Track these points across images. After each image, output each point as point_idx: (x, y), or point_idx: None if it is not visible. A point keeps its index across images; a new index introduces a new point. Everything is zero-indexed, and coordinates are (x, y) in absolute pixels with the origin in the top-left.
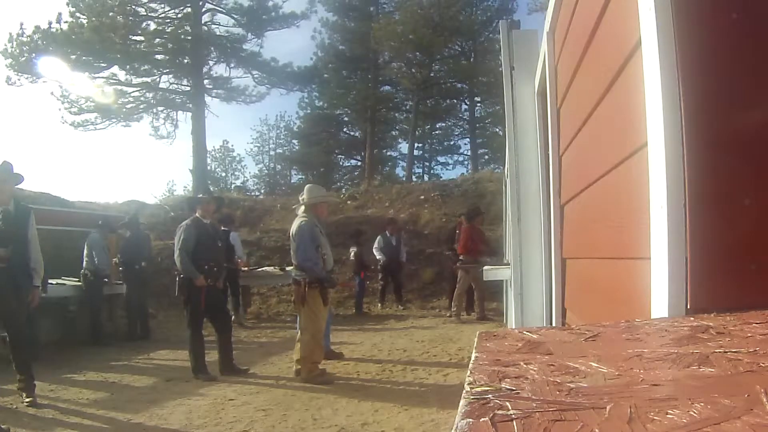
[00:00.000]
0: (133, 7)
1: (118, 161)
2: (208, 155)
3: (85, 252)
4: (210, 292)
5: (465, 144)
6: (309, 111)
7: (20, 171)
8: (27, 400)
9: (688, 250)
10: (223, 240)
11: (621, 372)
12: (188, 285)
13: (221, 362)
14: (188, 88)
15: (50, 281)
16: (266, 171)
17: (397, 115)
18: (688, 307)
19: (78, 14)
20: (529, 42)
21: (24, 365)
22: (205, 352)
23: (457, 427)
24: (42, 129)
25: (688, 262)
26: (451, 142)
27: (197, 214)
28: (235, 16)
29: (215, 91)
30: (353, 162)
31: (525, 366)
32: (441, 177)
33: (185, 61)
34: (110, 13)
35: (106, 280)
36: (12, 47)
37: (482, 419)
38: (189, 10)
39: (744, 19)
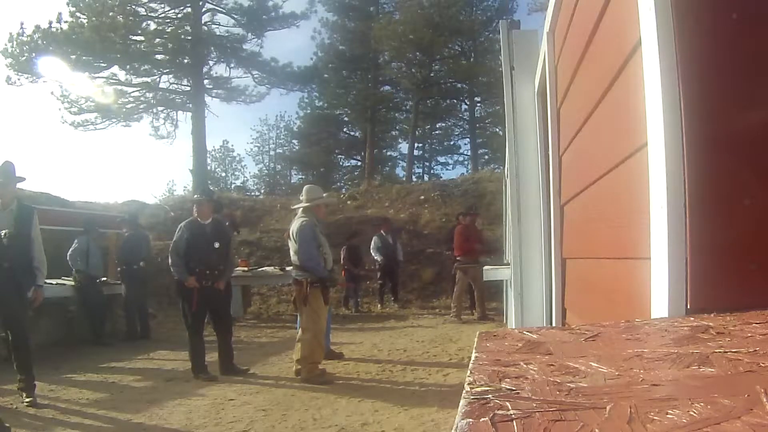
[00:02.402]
0: (133, 7)
1: (118, 161)
2: (208, 155)
3: (70, 262)
4: (207, 293)
5: (465, 144)
6: (309, 111)
7: (20, 171)
8: (27, 400)
9: (688, 250)
10: (225, 241)
11: (621, 372)
12: (181, 286)
13: (221, 362)
14: (188, 88)
15: (50, 281)
16: (266, 171)
17: (397, 115)
18: (688, 307)
19: (78, 14)
20: (529, 42)
21: (25, 365)
22: (205, 352)
23: (457, 427)
24: (42, 129)
25: (688, 262)
26: (451, 142)
27: (196, 215)
28: (235, 16)
29: (215, 91)
30: (353, 162)
31: (525, 366)
32: (441, 177)
33: (185, 61)
34: (110, 13)
35: (104, 279)
36: (12, 47)
37: (482, 419)
38: (189, 10)
39: (744, 19)
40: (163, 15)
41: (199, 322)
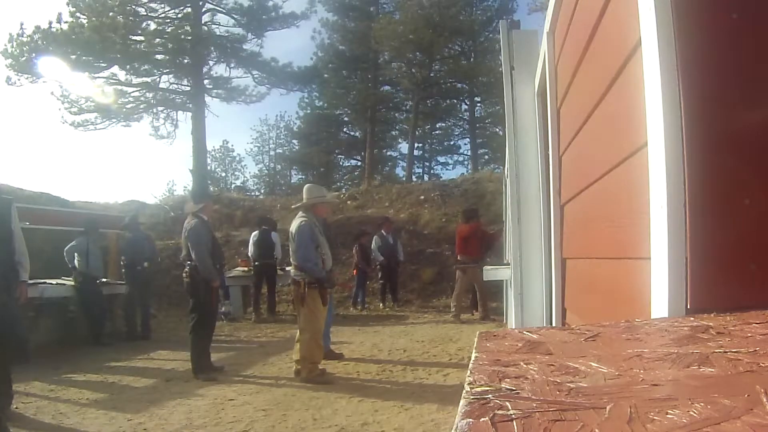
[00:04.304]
0: (133, 7)
1: (118, 161)
2: (208, 155)
3: (67, 259)
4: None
5: (465, 144)
6: (309, 111)
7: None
8: None
9: (688, 250)
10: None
11: (621, 372)
12: (205, 287)
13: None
14: (188, 88)
15: (50, 281)
16: (266, 171)
17: (397, 115)
18: (688, 307)
19: (78, 14)
20: (529, 42)
21: (4, 368)
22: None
23: (457, 427)
24: (42, 129)
25: (688, 262)
26: (451, 142)
27: (201, 214)
28: (235, 16)
29: (215, 91)
30: (353, 162)
31: (525, 366)
32: (441, 177)
33: (185, 61)
34: (110, 13)
35: (105, 280)
36: (12, 47)
37: (482, 419)
38: (189, 10)
39: (744, 19)
40: (163, 15)
41: (214, 321)
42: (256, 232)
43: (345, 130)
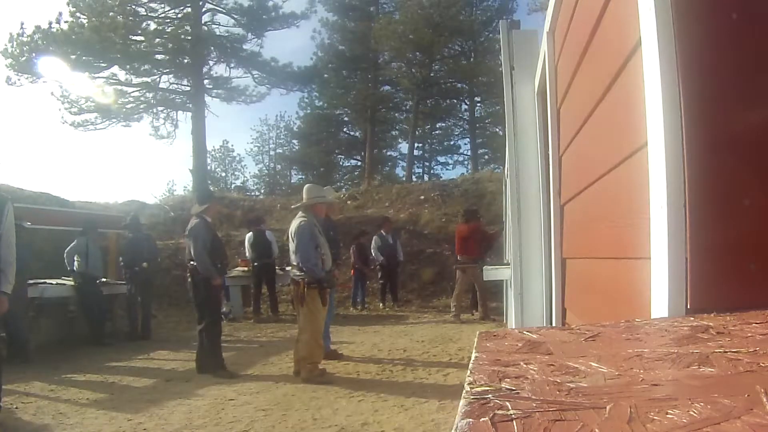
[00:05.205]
0: (133, 7)
1: (118, 161)
2: (208, 155)
3: (67, 262)
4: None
5: (465, 144)
6: (309, 111)
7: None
8: None
9: (688, 250)
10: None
11: (621, 372)
12: (205, 285)
13: (208, 361)
14: (188, 88)
15: (50, 281)
16: (266, 171)
17: (397, 115)
18: (688, 307)
19: (78, 14)
20: (529, 42)
21: None
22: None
23: (457, 427)
24: (42, 129)
25: (688, 262)
26: (451, 142)
27: (204, 215)
28: (235, 16)
29: (215, 91)
30: (353, 162)
31: (525, 366)
32: (441, 177)
33: (185, 61)
34: (110, 13)
35: (105, 280)
36: (12, 47)
37: (482, 419)
38: (189, 10)
39: (744, 19)
40: (163, 15)
41: (220, 317)
42: (249, 234)
43: (345, 130)
